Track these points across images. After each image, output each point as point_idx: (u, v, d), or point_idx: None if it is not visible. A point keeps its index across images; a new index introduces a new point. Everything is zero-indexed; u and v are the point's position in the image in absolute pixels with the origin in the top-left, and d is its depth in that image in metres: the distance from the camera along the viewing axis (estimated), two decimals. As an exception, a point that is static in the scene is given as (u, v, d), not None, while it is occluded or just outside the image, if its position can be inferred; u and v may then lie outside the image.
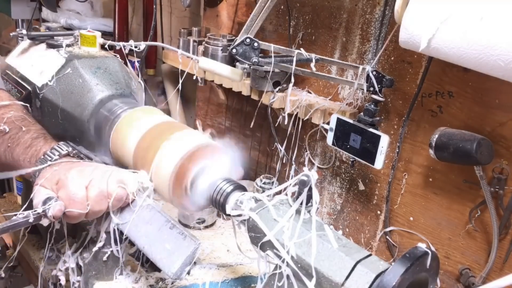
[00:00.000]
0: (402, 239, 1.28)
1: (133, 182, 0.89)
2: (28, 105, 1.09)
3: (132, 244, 1.06)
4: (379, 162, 1.15)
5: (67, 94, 1.07)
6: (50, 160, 0.90)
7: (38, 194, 0.84)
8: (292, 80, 1.25)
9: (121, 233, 0.92)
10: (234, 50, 1.16)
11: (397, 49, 1.15)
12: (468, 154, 0.98)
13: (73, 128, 1.09)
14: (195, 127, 1.06)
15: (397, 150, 1.23)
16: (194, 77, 1.49)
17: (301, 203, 0.73)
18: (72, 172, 0.86)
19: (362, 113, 1.17)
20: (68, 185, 0.83)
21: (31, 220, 0.80)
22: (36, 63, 1.15)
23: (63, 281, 1.09)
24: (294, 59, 1.17)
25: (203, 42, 1.56)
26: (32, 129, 0.98)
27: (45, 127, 1.09)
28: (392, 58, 1.20)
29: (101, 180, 0.85)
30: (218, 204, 0.85)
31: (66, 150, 0.93)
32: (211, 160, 0.89)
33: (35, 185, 0.86)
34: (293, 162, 1.51)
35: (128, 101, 1.10)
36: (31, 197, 0.85)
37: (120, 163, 1.02)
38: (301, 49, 1.19)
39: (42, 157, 0.91)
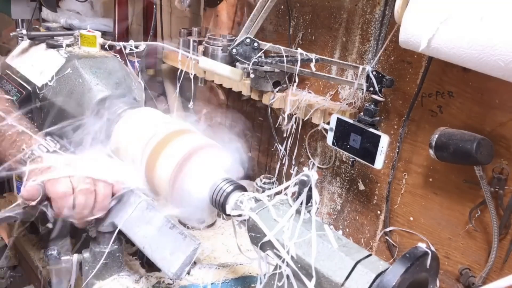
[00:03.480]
0: (402, 239, 1.28)
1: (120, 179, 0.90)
2: (13, 98, 1.08)
3: (132, 244, 1.06)
4: (379, 162, 1.15)
5: (67, 94, 1.07)
6: (38, 157, 0.89)
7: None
8: (297, 80, 1.24)
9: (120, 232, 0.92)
10: (234, 50, 1.16)
11: (397, 49, 1.15)
12: (468, 154, 0.98)
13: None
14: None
15: (397, 150, 1.23)
16: (192, 76, 1.48)
17: (301, 203, 0.73)
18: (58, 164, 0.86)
19: (362, 113, 1.17)
20: (54, 180, 0.83)
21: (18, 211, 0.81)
22: (36, 63, 1.15)
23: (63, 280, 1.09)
24: (299, 59, 1.17)
25: (203, 42, 1.56)
26: (18, 123, 0.96)
27: (45, 127, 1.08)
28: (392, 58, 1.20)
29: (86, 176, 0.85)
30: (218, 204, 0.85)
31: (54, 147, 0.92)
32: (210, 160, 0.89)
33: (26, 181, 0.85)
34: (293, 162, 1.51)
35: (128, 101, 1.10)
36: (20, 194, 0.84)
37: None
38: (299, 48, 1.19)
39: (30, 153, 0.90)
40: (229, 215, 0.83)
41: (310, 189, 0.71)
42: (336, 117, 1.23)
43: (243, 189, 0.85)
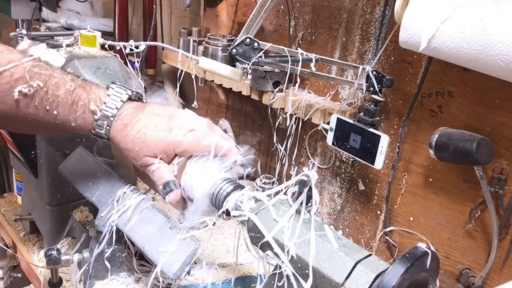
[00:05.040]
0: (402, 239, 1.28)
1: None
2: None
3: (132, 244, 1.06)
4: (379, 162, 1.15)
5: (67, 94, 1.07)
6: (116, 108, 0.78)
7: (159, 172, 0.82)
8: (298, 80, 1.24)
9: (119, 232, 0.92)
10: (234, 50, 1.16)
11: (397, 49, 1.15)
12: (468, 154, 0.98)
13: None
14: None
15: (397, 150, 1.24)
16: (193, 76, 1.48)
17: (301, 203, 0.72)
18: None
19: (362, 113, 1.17)
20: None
21: None
22: (36, 63, 1.14)
23: (63, 281, 1.09)
24: (300, 59, 1.17)
25: (203, 42, 1.56)
26: (58, 78, 0.76)
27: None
28: (392, 58, 1.20)
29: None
30: (218, 205, 0.85)
31: (126, 94, 0.81)
32: (211, 160, 0.89)
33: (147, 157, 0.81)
34: (293, 162, 1.51)
35: (128, 101, 1.10)
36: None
37: (121, 164, 1.02)
38: (299, 48, 1.19)
39: (104, 111, 0.78)
40: (229, 215, 0.83)
41: (310, 189, 0.71)
42: (336, 117, 1.23)
43: (243, 189, 0.85)
